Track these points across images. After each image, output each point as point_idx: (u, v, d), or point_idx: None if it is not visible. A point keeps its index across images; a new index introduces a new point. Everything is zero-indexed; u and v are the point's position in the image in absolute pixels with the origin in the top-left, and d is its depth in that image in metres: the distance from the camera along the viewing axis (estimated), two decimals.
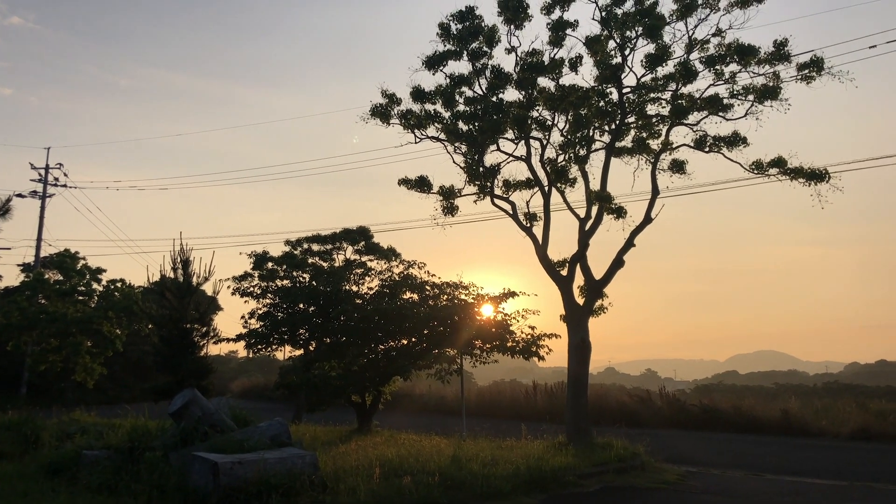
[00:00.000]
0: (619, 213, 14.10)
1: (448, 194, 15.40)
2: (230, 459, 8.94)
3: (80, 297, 25.82)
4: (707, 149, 14.99)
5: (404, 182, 16.50)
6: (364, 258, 22.69)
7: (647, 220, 15.29)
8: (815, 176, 13.66)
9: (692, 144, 15.21)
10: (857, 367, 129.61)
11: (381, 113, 15.31)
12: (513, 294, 17.85)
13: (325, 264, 22.74)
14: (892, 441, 18.91)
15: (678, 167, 15.77)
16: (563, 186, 15.96)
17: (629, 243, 15.25)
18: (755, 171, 14.53)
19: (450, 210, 15.56)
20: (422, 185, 16.27)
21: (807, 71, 13.69)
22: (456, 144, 16.20)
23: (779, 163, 14.15)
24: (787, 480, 12.72)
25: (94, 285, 26.61)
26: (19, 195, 41.17)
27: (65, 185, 42.27)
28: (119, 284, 26.88)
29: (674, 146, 15.32)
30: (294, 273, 21.14)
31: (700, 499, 10.78)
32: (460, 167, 15.70)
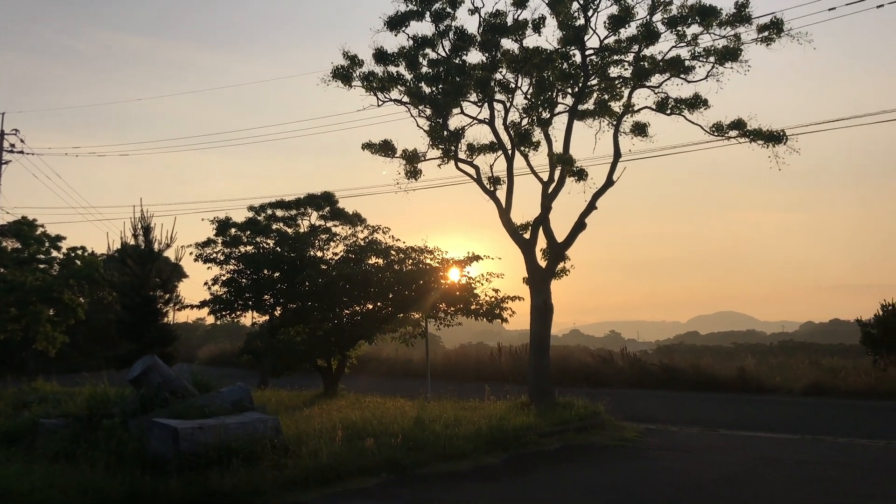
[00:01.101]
0: (581, 175, 14.16)
1: (411, 158, 15.28)
2: (190, 425, 8.90)
3: (40, 266, 25.23)
4: (669, 111, 15.07)
5: (368, 146, 16.32)
6: (329, 224, 22.53)
7: (609, 182, 15.38)
8: (773, 138, 13.85)
9: (654, 107, 15.27)
10: (812, 326, 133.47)
11: (343, 75, 15.04)
12: (477, 258, 17.92)
13: (289, 230, 22.51)
14: (842, 396, 19.60)
15: (640, 130, 15.84)
16: (527, 150, 15.95)
17: (591, 206, 15.34)
18: (715, 133, 14.68)
19: (413, 174, 15.46)
20: (386, 149, 16.10)
21: (767, 33, 13.78)
22: (420, 108, 16.03)
23: (738, 125, 14.31)
24: (741, 435, 13.14)
25: (54, 253, 26.02)
26: None
27: (22, 152, 40.98)
28: (80, 252, 26.34)
29: (636, 109, 15.37)
30: (258, 239, 20.90)
31: (656, 454, 11.08)
32: (424, 130, 15.58)
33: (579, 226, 15.40)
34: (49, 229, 27.23)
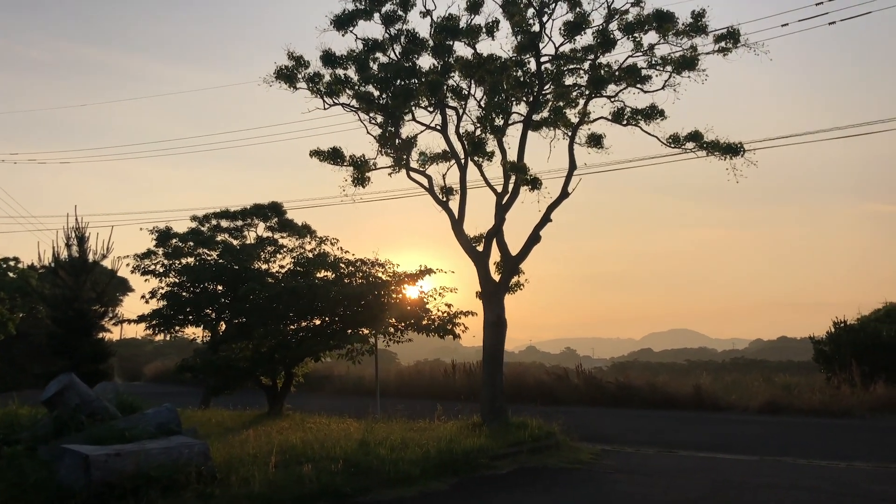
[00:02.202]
0: (535, 184, 13.67)
1: (360, 165, 14.56)
2: (104, 451, 8.01)
3: None
4: (625, 122, 14.74)
5: (317, 154, 15.56)
6: (277, 235, 21.63)
7: (564, 194, 14.96)
8: (731, 150, 13.60)
9: (610, 117, 14.94)
10: (761, 343, 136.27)
11: (287, 76, 14.28)
12: (429, 271, 17.28)
13: (235, 242, 21.56)
14: (797, 413, 19.44)
15: (596, 141, 15.49)
16: (481, 160, 15.43)
17: (545, 218, 14.88)
18: (672, 145, 14.39)
19: (360, 181, 14.74)
20: (335, 156, 15.36)
21: (723, 43, 13.56)
22: (371, 115, 15.40)
23: (695, 136, 14.04)
24: (700, 456, 12.70)
25: None
26: None
27: None
28: (12, 263, 24.87)
29: (591, 119, 15.03)
30: (200, 251, 19.88)
31: (613, 478, 10.53)
32: (373, 137, 14.92)
33: (534, 238, 14.91)
34: None
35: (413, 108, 14.87)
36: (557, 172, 16.04)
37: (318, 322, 17.26)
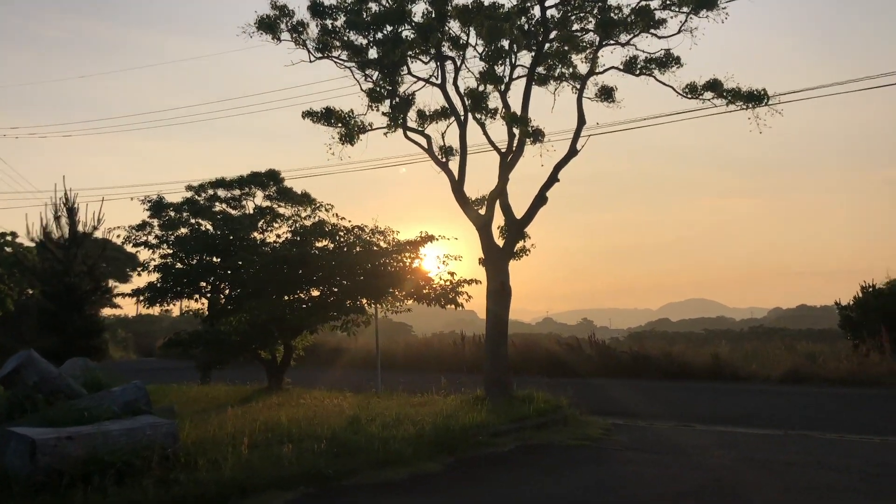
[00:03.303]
0: (537, 136, 12.60)
1: (347, 121, 13.49)
2: (54, 435, 7.22)
3: None
4: (638, 71, 13.60)
5: (309, 115, 14.57)
6: (276, 205, 20.73)
7: (573, 151, 13.91)
8: (754, 98, 12.45)
9: (621, 67, 13.80)
10: (780, 311, 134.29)
11: (269, 25, 13.24)
12: (431, 238, 16.34)
13: (234, 212, 20.71)
14: (822, 383, 18.44)
15: (606, 94, 14.39)
16: (483, 117, 14.35)
17: (553, 178, 13.87)
18: (689, 96, 13.26)
19: (349, 138, 13.74)
20: (328, 117, 14.37)
21: None
22: (366, 72, 14.38)
23: (714, 85, 12.89)
24: (718, 431, 11.77)
25: None
26: None
27: None
28: (10, 238, 24.22)
29: (601, 70, 13.91)
30: (195, 221, 19.03)
31: (624, 457, 9.64)
32: (364, 92, 13.89)
33: (540, 199, 13.91)
34: None
35: (408, 59, 13.81)
36: (566, 133, 14.88)
37: (315, 293, 16.41)
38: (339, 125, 13.61)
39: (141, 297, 17.44)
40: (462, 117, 14.01)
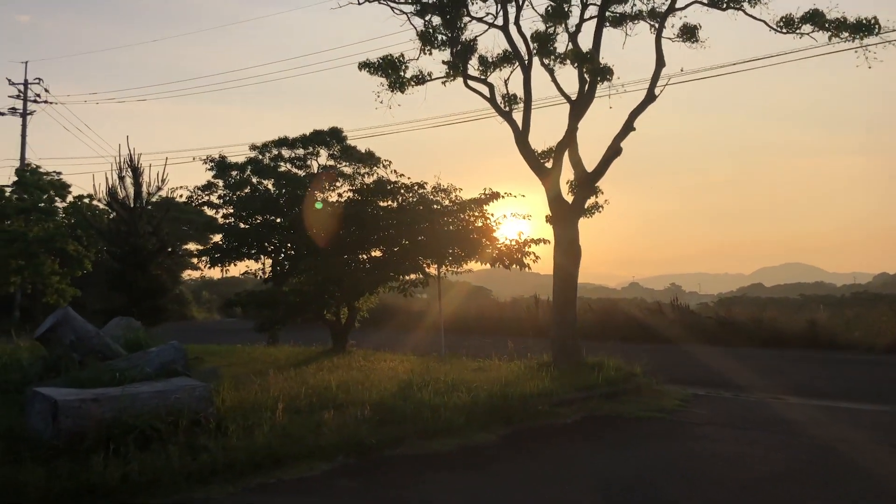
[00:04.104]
0: (605, 75, 11.38)
1: (394, 65, 12.61)
2: (78, 396, 6.88)
3: (42, 215, 23.82)
4: (724, 5, 12.12)
5: (366, 66, 13.81)
6: (339, 164, 20.25)
7: (650, 97, 12.63)
8: (862, 28, 10.82)
9: (706, 1, 12.34)
10: (887, 277, 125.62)
11: None
12: (496, 196, 15.42)
13: (299, 172, 20.36)
14: None
15: (689, 33, 12.97)
16: (551, 62, 13.21)
17: (628, 126, 12.65)
18: (784, 30, 11.71)
19: (399, 85, 12.88)
20: (389, 67, 13.52)
21: None
22: (426, 18, 13.45)
23: (813, 16, 11.30)
24: (813, 405, 10.49)
25: (59, 202, 24.61)
26: None
27: (46, 101, 39.97)
28: (87, 201, 24.86)
29: (683, 4, 12.50)
30: (256, 181, 18.78)
31: (700, 432, 8.60)
32: (417, 36, 12.96)
33: (613, 151, 12.72)
34: (75, 181, 25.76)
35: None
36: (643, 81, 13.44)
37: (376, 253, 15.84)
38: (390, 72, 12.77)
39: (204, 259, 17.37)
40: (526, 61, 12.91)
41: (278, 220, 17.64)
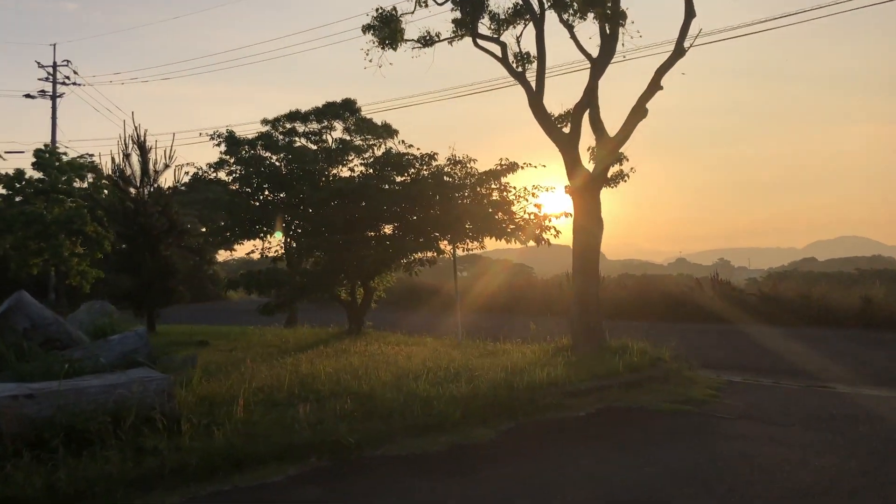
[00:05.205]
0: (618, 20, 10.09)
1: (387, 20, 11.52)
2: (10, 392, 6.11)
3: (60, 196, 23.47)
4: None
5: (370, 28, 12.74)
6: (354, 137, 19.25)
7: (680, 51, 11.33)
8: None
9: None
10: None
11: None
12: (514, 166, 14.27)
13: (313, 147, 19.46)
14: None
15: None
16: (569, 17, 11.96)
17: (655, 85, 11.38)
18: None
19: (391, 41, 11.77)
20: (382, 21, 12.38)
21: None
22: None
23: None
24: (867, 395, 9.21)
25: (78, 182, 24.23)
26: (28, 95, 39.29)
27: (74, 83, 39.95)
28: (106, 181, 24.41)
29: None
30: (267, 155, 17.90)
31: (731, 428, 7.45)
32: None
33: (637, 111, 11.47)
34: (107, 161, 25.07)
35: None
36: (664, 46, 12.10)
37: (388, 230, 14.89)
38: (384, 28, 11.67)
39: (211, 238, 16.67)
40: (538, 13, 11.68)
41: (282, 196, 16.78)
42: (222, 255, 38.07)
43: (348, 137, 19.16)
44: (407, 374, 9.12)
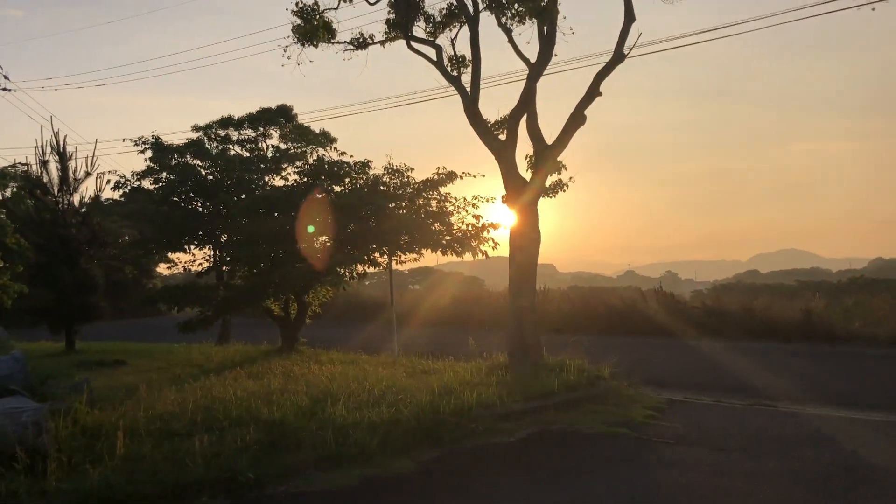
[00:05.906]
0: (553, 13, 9.63)
1: (309, 12, 10.84)
2: None
3: None
4: None
5: (299, 30, 11.98)
6: (292, 146, 18.43)
7: (618, 57, 10.95)
8: None
9: None
10: (882, 262, 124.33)
11: None
12: (452, 176, 13.71)
13: (248, 155, 18.56)
14: None
15: None
16: (508, 20, 11.46)
17: (593, 91, 10.96)
18: None
19: (311, 36, 11.09)
20: (317, 29, 11.71)
21: None
22: None
23: None
24: (811, 415, 8.84)
25: (0, 193, 22.77)
26: None
27: (5, 89, 38.03)
28: (21, 190, 23.04)
29: None
30: (204, 165, 16.90)
31: (670, 453, 6.92)
32: None
33: (576, 119, 11.01)
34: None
35: None
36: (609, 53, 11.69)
37: (319, 243, 14.10)
38: (301, 21, 10.97)
39: (133, 252, 15.65)
40: (473, 15, 11.16)
41: (204, 206, 15.85)
42: (165, 269, 36.49)
43: (284, 145, 18.35)
44: (326, 398, 8.37)
